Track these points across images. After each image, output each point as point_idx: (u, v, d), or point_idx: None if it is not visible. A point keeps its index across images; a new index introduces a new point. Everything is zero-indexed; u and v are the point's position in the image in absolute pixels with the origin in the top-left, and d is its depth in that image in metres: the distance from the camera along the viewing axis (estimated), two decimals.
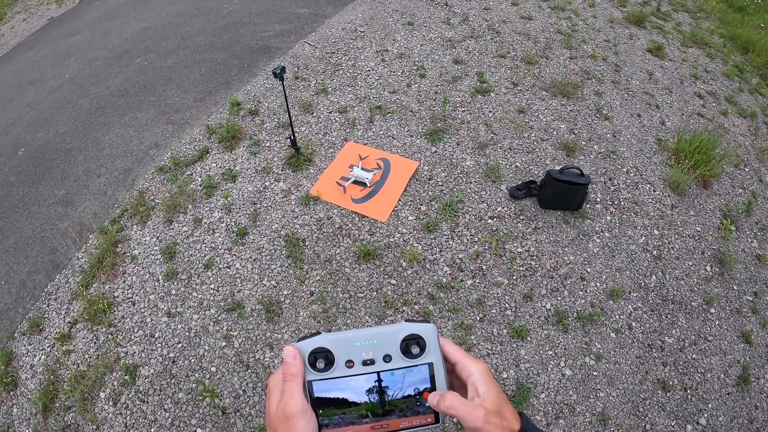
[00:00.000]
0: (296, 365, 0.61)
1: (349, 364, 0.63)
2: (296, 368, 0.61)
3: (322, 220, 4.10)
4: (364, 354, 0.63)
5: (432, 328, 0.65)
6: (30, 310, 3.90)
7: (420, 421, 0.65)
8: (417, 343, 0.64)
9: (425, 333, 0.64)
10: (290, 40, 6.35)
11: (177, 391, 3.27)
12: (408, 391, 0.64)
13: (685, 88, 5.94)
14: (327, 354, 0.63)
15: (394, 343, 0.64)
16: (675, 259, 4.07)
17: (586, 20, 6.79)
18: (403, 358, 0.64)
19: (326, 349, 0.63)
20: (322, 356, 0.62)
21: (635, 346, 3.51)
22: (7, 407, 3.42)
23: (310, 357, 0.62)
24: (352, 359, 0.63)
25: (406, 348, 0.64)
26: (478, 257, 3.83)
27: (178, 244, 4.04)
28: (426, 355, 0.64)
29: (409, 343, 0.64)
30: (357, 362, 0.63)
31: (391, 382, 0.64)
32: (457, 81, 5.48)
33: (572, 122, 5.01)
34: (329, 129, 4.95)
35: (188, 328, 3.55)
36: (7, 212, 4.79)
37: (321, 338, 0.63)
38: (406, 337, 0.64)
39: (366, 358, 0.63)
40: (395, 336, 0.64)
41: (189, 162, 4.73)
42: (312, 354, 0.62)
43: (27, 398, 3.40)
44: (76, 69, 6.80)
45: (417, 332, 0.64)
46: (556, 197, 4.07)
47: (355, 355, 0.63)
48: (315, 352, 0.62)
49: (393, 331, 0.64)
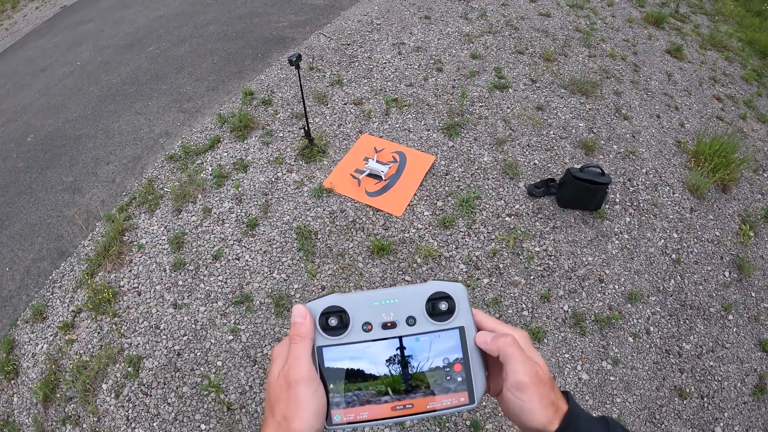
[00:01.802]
0: (305, 324, 0.52)
1: (366, 327, 0.53)
2: (306, 328, 0.52)
3: (336, 213, 4.03)
4: (385, 315, 0.54)
5: (461, 288, 0.56)
6: (34, 297, 3.86)
7: (451, 401, 0.53)
8: (446, 303, 0.54)
9: (454, 292, 0.55)
10: (305, 31, 6.31)
11: (181, 385, 3.21)
12: (436, 363, 0.53)
13: (704, 91, 5.87)
14: (341, 315, 0.53)
15: (419, 303, 0.54)
16: (694, 263, 4.00)
17: (605, 19, 6.72)
18: (430, 321, 0.54)
19: (340, 308, 0.53)
20: (336, 316, 0.53)
21: (653, 352, 3.44)
22: (8, 396, 3.39)
23: (321, 318, 0.53)
24: (370, 321, 0.53)
25: (433, 309, 0.54)
26: (495, 255, 3.75)
27: (186, 234, 3.98)
28: (455, 318, 0.54)
29: (436, 303, 0.54)
30: (376, 325, 0.53)
31: (415, 350, 0.53)
32: (475, 76, 5.41)
33: (591, 121, 4.93)
34: (344, 120, 4.89)
35: (194, 320, 3.49)
36: (14, 198, 4.76)
37: (334, 297, 0.54)
38: (432, 295, 0.54)
39: (386, 321, 0.53)
40: (420, 294, 0.55)
41: (200, 151, 4.67)
42: (324, 314, 0.53)
43: (28, 387, 3.36)
44: (87, 57, 6.78)
45: (445, 290, 0.55)
46: (576, 196, 3.99)
47: (373, 317, 0.53)
48: (327, 312, 0.53)
49: (417, 289, 0.55)
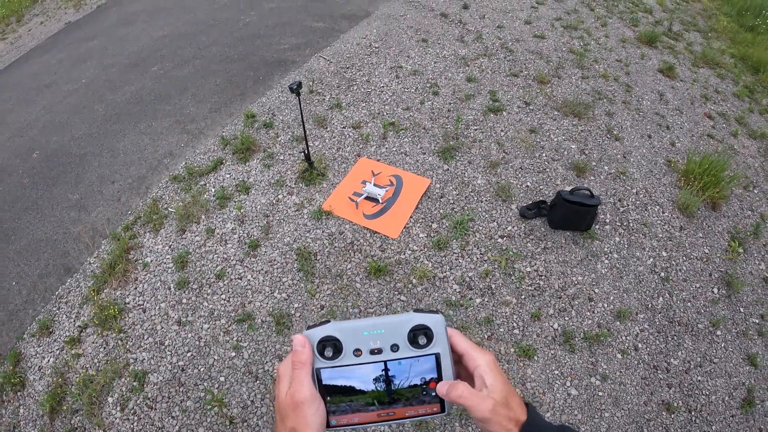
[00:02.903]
0: (305, 353, 0.63)
1: (357, 353, 0.64)
2: (305, 356, 0.63)
3: (334, 235, 4.14)
4: (372, 343, 0.64)
5: (440, 319, 0.66)
6: (40, 312, 3.93)
7: (426, 410, 0.67)
8: (424, 334, 0.65)
9: (433, 323, 0.66)
10: (305, 54, 6.41)
11: (185, 399, 3.28)
12: (414, 381, 0.65)
13: (696, 109, 5.97)
14: (335, 342, 0.64)
15: (401, 333, 0.65)
16: (682, 281, 4.08)
17: (598, 39, 6.84)
18: (411, 348, 0.65)
19: (335, 337, 0.64)
20: (331, 344, 0.64)
21: (641, 368, 3.51)
22: (14, 407, 3.44)
23: (318, 345, 0.64)
24: (360, 348, 0.64)
25: (414, 338, 0.65)
26: (488, 276, 3.85)
27: (190, 254, 4.08)
28: (433, 346, 0.65)
29: (417, 333, 0.65)
30: (365, 351, 0.64)
31: (398, 371, 0.65)
32: (470, 99, 5.52)
33: (583, 142, 5.04)
34: (343, 144, 4.99)
35: (198, 337, 3.58)
36: (20, 214, 4.84)
37: (330, 327, 0.65)
38: (413, 327, 0.65)
39: (374, 347, 0.64)
40: (403, 326, 0.65)
41: (203, 172, 4.78)
42: (321, 342, 0.64)
43: (34, 399, 3.43)
44: (92, 74, 6.86)
45: (425, 323, 0.65)
46: (566, 218, 4.10)
47: (363, 344, 0.64)
48: (324, 340, 0.64)
49: (401, 321, 0.66)
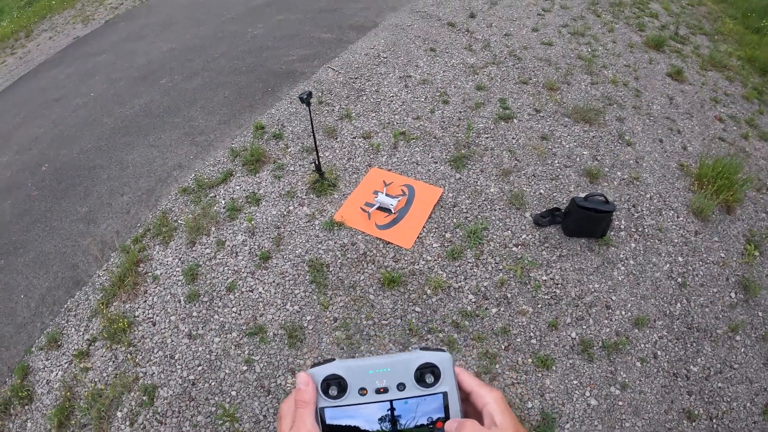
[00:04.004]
0: (309, 392, 0.61)
1: (362, 392, 0.62)
2: (309, 395, 0.60)
3: (347, 246, 4.11)
4: (378, 382, 0.62)
5: (447, 357, 0.63)
6: (48, 325, 3.92)
7: None
8: (432, 372, 0.62)
9: (440, 362, 0.63)
10: (314, 65, 6.43)
11: (196, 414, 3.24)
12: (421, 420, 0.62)
13: (706, 112, 5.93)
14: (340, 381, 0.62)
15: (408, 372, 0.62)
16: (699, 286, 4.02)
17: (606, 45, 6.83)
18: (417, 387, 0.62)
19: (339, 376, 0.62)
20: (335, 383, 0.61)
21: (660, 375, 3.45)
22: (21, 421, 3.42)
23: (323, 384, 0.61)
24: (365, 387, 0.62)
25: (421, 377, 0.62)
26: (503, 285, 3.81)
27: (200, 266, 4.05)
28: (440, 385, 0.62)
29: (424, 371, 0.62)
30: (370, 390, 0.62)
31: (404, 411, 0.62)
32: (480, 107, 5.51)
33: (595, 148, 5.01)
34: (353, 154, 4.98)
35: (209, 350, 3.54)
36: (29, 226, 4.85)
37: (335, 365, 0.62)
38: (420, 365, 0.62)
39: (380, 387, 0.62)
40: (410, 364, 0.63)
41: (213, 184, 4.77)
42: (325, 381, 0.61)
43: (42, 413, 3.40)
44: (100, 88, 6.91)
45: (432, 361, 0.63)
46: (581, 225, 4.05)
47: (368, 383, 0.62)
48: (328, 379, 0.62)
49: (408, 359, 0.63)
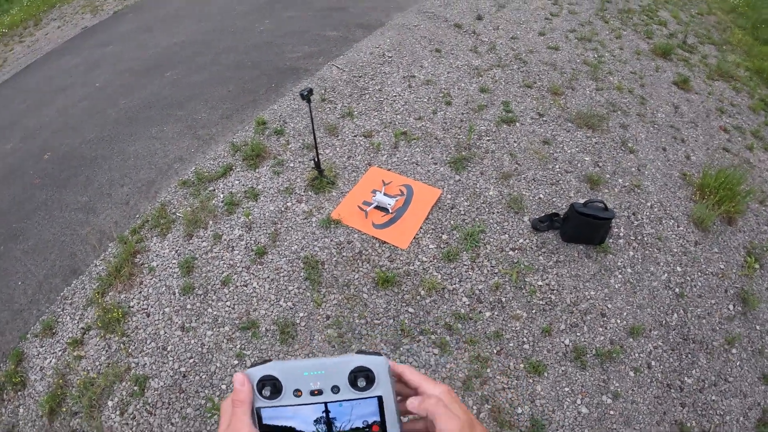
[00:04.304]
0: (244, 391, 0.61)
1: (297, 393, 0.62)
2: (244, 395, 0.61)
3: (342, 244, 4.10)
4: (312, 384, 0.62)
5: (382, 361, 0.64)
6: (44, 312, 3.94)
7: None
8: (365, 376, 0.62)
9: (375, 366, 0.63)
10: (318, 62, 6.43)
11: (185, 406, 3.26)
12: (356, 423, 0.63)
13: (711, 122, 5.89)
14: (275, 382, 0.62)
15: (342, 375, 0.63)
16: (697, 297, 3.99)
17: (613, 51, 6.79)
18: (351, 390, 0.62)
19: (274, 377, 0.62)
20: (270, 384, 0.62)
21: (654, 386, 3.43)
22: (14, 407, 3.45)
23: (258, 384, 0.61)
24: (300, 388, 0.62)
25: (354, 380, 0.62)
26: (498, 289, 3.79)
27: (196, 259, 4.07)
28: (375, 389, 0.62)
29: (358, 375, 0.62)
30: (305, 392, 0.62)
31: (339, 413, 0.63)
32: (483, 110, 5.49)
33: (597, 155, 4.98)
34: (353, 153, 4.98)
35: (201, 343, 3.55)
36: (29, 214, 4.88)
37: (271, 365, 0.63)
38: (354, 369, 0.63)
39: (314, 388, 0.62)
40: (344, 367, 0.63)
41: (212, 178, 4.78)
42: (260, 381, 0.62)
43: (34, 400, 3.43)
44: (106, 79, 6.94)
45: (366, 365, 0.63)
46: (579, 231, 4.03)
47: (303, 385, 0.62)
48: (263, 379, 0.62)
49: (342, 362, 0.63)
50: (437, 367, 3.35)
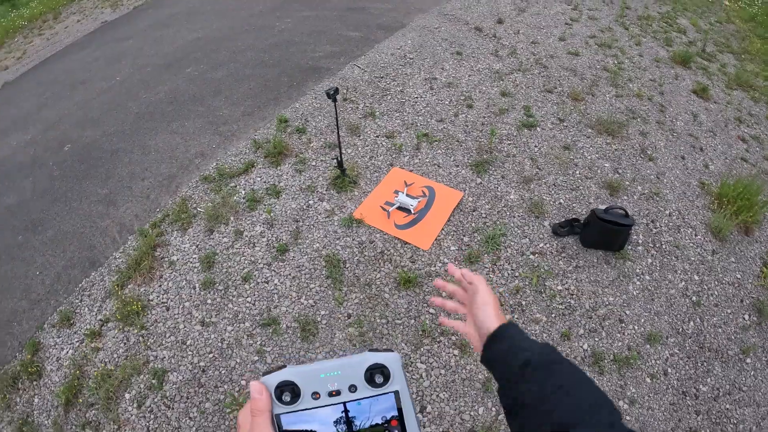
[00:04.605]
0: (263, 400, 0.62)
1: (315, 396, 0.63)
2: (263, 403, 0.61)
3: (364, 244, 4.11)
4: (330, 385, 0.63)
5: (396, 357, 0.65)
6: (62, 303, 3.97)
7: None
8: (381, 372, 0.64)
9: (389, 362, 0.64)
10: (339, 62, 6.45)
11: (204, 401, 3.26)
12: (375, 420, 0.64)
13: (729, 132, 5.86)
14: (293, 387, 0.63)
15: (358, 374, 0.64)
16: (713, 306, 3.97)
17: (632, 58, 6.78)
18: (369, 388, 0.63)
19: (291, 382, 0.63)
20: (288, 389, 0.62)
21: (669, 393, 3.42)
22: (29, 396, 3.46)
23: (276, 390, 0.62)
24: (317, 391, 0.63)
25: (371, 377, 0.64)
26: (518, 292, 3.80)
27: (217, 255, 4.08)
28: (391, 384, 0.64)
29: (374, 372, 0.64)
30: (323, 394, 0.63)
31: (358, 412, 0.63)
32: (504, 113, 5.50)
33: (617, 161, 4.98)
34: (375, 153, 4.99)
35: (221, 339, 3.56)
36: (48, 205, 4.92)
37: (286, 371, 0.63)
38: (370, 366, 0.64)
39: (332, 390, 0.63)
40: (359, 366, 0.64)
41: (234, 174, 4.80)
42: (278, 387, 0.62)
43: (50, 390, 3.45)
44: (126, 73, 6.98)
45: (380, 361, 0.64)
46: (599, 237, 4.03)
47: (320, 387, 0.63)
48: (281, 385, 0.63)
49: (357, 361, 0.64)
50: (457, 369, 3.35)
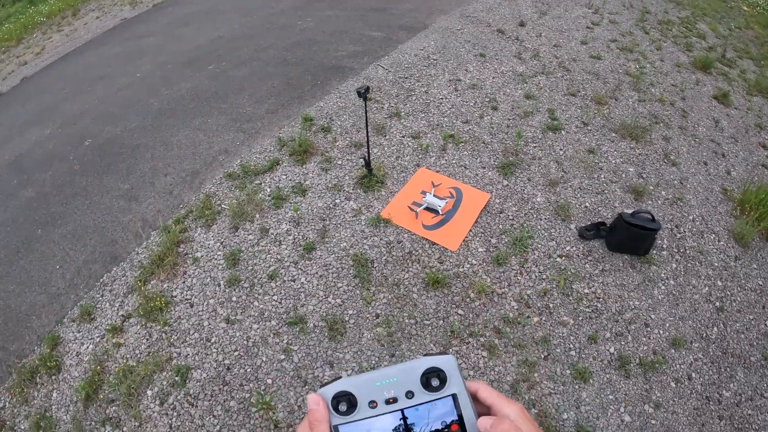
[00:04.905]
0: (320, 411, 0.61)
1: (372, 405, 0.62)
2: (321, 414, 0.61)
3: (392, 244, 4.12)
4: (386, 393, 0.62)
5: (451, 360, 0.64)
6: (83, 297, 3.98)
7: None
8: (437, 376, 0.63)
9: (444, 365, 0.64)
10: (363, 62, 6.46)
11: (229, 399, 3.26)
12: (435, 425, 0.62)
13: (750, 138, 5.85)
14: (349, 397, 0.62)
15: (414, 379, 0.63)
16: (736, 311, 3.97)
17: (654, 63, 6.77)
18: (426, 393, 0.62)
19: (348, 392, 0.62)
20: (345, 399, 0.62)
21: (693, 397, 3.41)
22: (47, 391, 3.47)
23: (333, 401, 0.62)
24: (374, 399, 0.62)
25: (427, 382, 0.63)
26: (546, 295, 3.80)
27: (242, 252, 4.09)
28: (448, 387, 0.63)
29: (430, 376, 0.63)
30: (380, 402, 0.62)
31: (416, 418, 0.62)
32: (529, 116, 5.50)
33: (641, 166, 4.97)
34: (402, 153, 5.00)
35: (247, 336, 3.57)
36: (69, 199, 4.94)
37: (342, 382, 0.63)
38: (425, 371, 0.63)
39: (388, 397, 0.62)
40: (415, 371, 0.63)
41: (259, 171, 4.81)
42: (335, 398, 0.62)
43: (69, 385, 3.45)
44: (147, 70, 7.01)
45: (436, 365, 0.63)
46: (626, 241, 4.03)
47: (377, 395, 0.62)
48: (337, 396, 0.62)
49: (412, 366, 0.64)
50: (486, 370, 3.36)
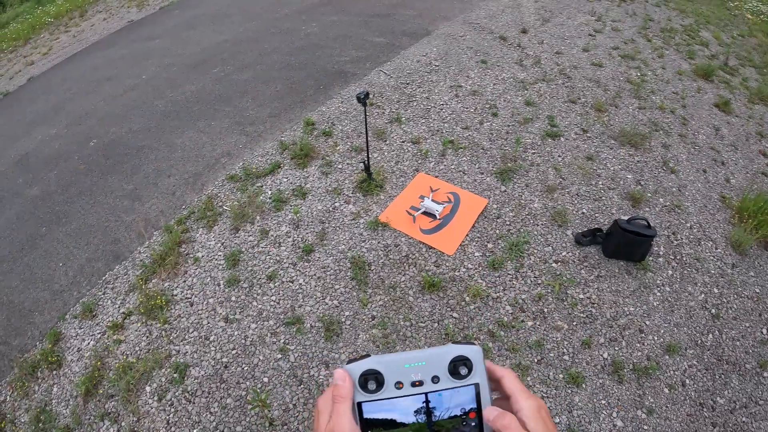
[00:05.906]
0: (346, 387, 0.63)
1: (398, 386, 0.64)
2: (346, 390, 0.63)
3: (390, 247, 4.16)
4: (414, 375, 0.64)
5: (478, 350, 0.66)
6: (85, 295, 4.05)
7: None
8: (465, 364, 0.65)
9: (472, 354, 0.65)
10: (365, 67, 6.52)
11: (225, 396, 3.32)
12: (454, 411, 0.64)
13: (751, 146, 5.85)
14: (377, 375, 0.64)
15: (442, 365, 0.65)
16: (732, 319, 3.97)
17: (655, 71, 6.78)
18: (451, 379, 0.64)
19: (377, 371, 0.64)
20: (373, 378, 0.64)
21: (687, 404, 3.42)
22: (48, 385, 3.53)
23: (360, 378, 0.64)
24: (401, 380, 0.64)
25: (455, 369, 0.65)
26: (540, 299, 3.83)
27: (242, 253, 4.15)
28: (472, 376, 0.65)
29: (458, 364, 0.65)
30: (406, 383, 0.64)
31: (438, 403, 0.64)
32: (529, 123, 5.53)
33: (639, 173, 4.99)
34: (401, 158, 5.04)
35: (245, 336, 3.62)
36: (73, 198, 5.02)
37: (372, 360, 0.65)
38: (454, 358, 0.65)
39: (415, 380, 0.64)
40: (444, 357, 0.65)
41: (260, 174, 4.87)
42: (362, 376, 0.64)
43: (69, 380, 3.51)
44: (152, 72, 7.08)
45: (465, 354, 0.65)
46: (622, 247, 4.05)
47: (404, 377, 0.64)
48: (366, 373, 0.64)
49: (442, 352, 0.66)
50: None
